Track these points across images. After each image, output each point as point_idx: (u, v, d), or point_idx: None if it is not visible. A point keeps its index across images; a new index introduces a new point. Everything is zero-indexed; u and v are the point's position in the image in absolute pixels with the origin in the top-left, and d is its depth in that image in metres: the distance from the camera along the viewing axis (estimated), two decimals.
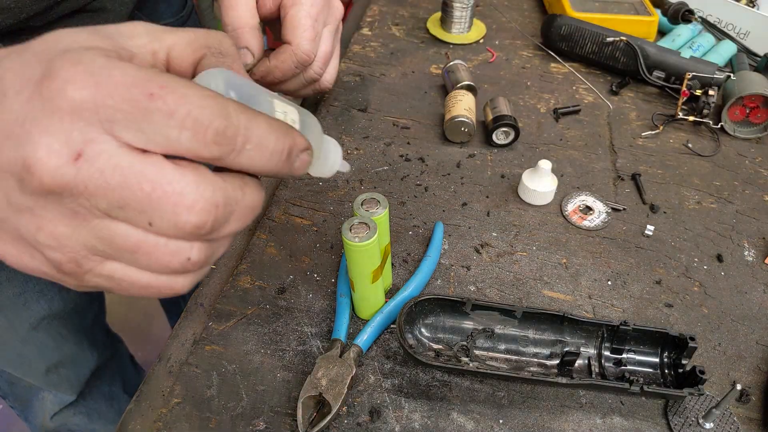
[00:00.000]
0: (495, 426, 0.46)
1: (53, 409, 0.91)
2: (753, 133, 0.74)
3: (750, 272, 0.58)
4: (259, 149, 0.28)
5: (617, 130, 0.75)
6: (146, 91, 0.25)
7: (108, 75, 0.25)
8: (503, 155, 0.70)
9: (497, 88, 0.81)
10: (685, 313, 0.54)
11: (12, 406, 0.92)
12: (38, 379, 0.83)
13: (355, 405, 0.46)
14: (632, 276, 0.57)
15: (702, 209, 0.64)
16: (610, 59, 0.82)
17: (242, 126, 0.27)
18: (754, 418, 0.47)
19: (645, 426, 0.46)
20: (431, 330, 0.50)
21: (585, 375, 0.48)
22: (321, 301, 0.53)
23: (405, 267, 0.57)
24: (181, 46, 0.32)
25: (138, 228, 0.27)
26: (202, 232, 0.27)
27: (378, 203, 0.47)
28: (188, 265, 0.29)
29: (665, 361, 0.49)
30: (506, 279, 0.56)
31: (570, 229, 0.61)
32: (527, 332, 0.50)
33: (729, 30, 0.90)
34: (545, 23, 0.86)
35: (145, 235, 0.27)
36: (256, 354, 0.49)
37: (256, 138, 0.27)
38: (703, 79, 0.75)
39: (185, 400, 0.46)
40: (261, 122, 0.28)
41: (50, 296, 0.73)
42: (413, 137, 0.72)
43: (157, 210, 0.26)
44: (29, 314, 0.72)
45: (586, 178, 0.67)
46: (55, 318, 0.76)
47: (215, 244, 0.30)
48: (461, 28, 0.90)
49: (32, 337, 0.75)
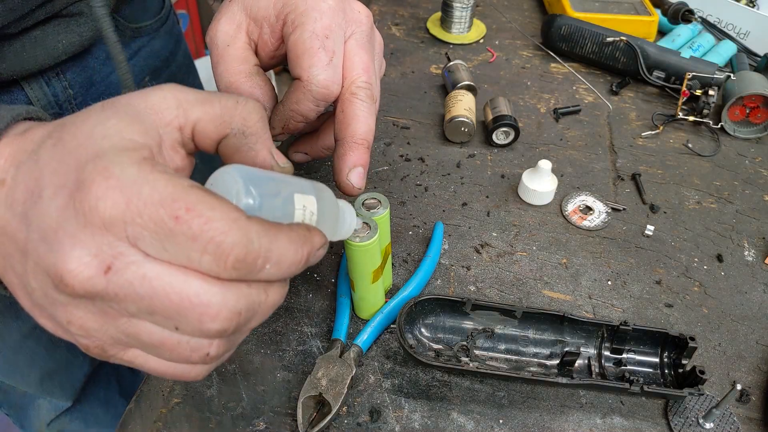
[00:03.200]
0: (495, 426, 0.46)
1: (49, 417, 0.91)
2: (753, 133, 0.74)
3: (750, 272, 0.58)
4: (279, 266, 0.29)
5: (617, 130, 0.75)
6: (173, 213, 0.26)
7: (138, 192, 0.26)
8: (503, 155, 0.70)
9: (497, 88, 0.81)
10: (685, 313, 0.54)
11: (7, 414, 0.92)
12: (32, 387, 0.83)
13: (355, 405, 0.46)
14: (632, 276, 0.57)
15: (702, 209, 0.64)
16: (610, 59, 0.82)
17: (263, 249, 0.28)
18: (754, 418, 0.47)
19: (645, 426, 0.46)
20: (431, 330, 0.50)
21: (585, 375, 0.48)
22: (321, 301, 0.53)
23: (405, 267, 0.57)
24: (205, 122, 0.32)
25: (164, 328, 0.28)
26: (224, 336, 0.29)
27: (379, 203, 0.47)
28: (207, 359, 0.30)
29: (665, 361, 0.49)
30: (506, 279, 0.56)
31: (570, 229, 0.61)
32: (527, 332, 0.50)
33: (729, 30, 0.90)
34: (545, 23, 0.86)
35: (170, 334, 0.29)
36: (256, 354, 0.49)
37: (275, 257, 0.28)
38: (703, 79, 0.75)
39: (185, 400, 0.46)
40: (282, 240, 0.29)
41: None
42: (413, 137, 0.72)
43: (183, 317, 0.27)
44: (20, 324, 0.71)
45: (586, 178, 0.67)
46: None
47: (235, 339, 0.31)
48: (461, 28, 0.90)
49: (24, 346, 0.74)
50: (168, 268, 0.27)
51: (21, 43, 0.52)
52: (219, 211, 0.27)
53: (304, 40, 0.42)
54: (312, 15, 0.42)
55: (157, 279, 0.27)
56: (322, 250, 0.32)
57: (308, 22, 0.42)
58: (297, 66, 0.42)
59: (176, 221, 0.26)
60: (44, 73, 0.57)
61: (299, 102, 0.43)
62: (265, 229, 0.28)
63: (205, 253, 0.26)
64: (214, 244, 0.26)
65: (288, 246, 0.29)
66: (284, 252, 0.29)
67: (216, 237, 0.26)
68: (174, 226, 0.26)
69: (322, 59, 0.41)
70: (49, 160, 0.28)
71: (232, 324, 0.28)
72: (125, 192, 0.26)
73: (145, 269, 0.26)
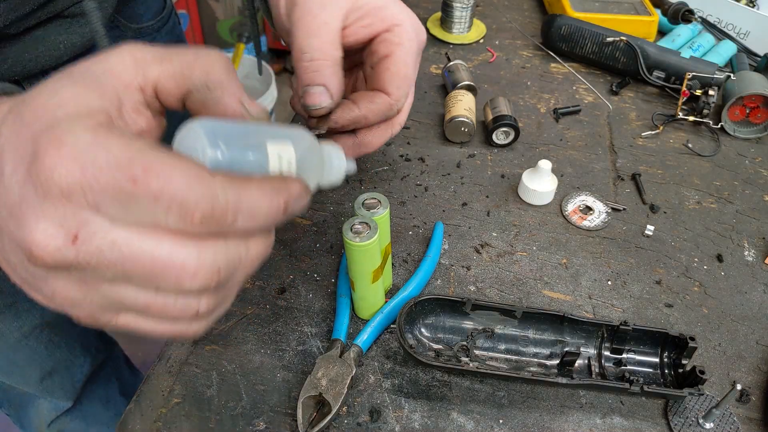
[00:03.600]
0: (495, 426, 0.46)
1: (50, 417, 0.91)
2: (753, 133, 0.74)
3: (750, 272, 0.58)
4: (252, 217, 0.28)
5: (617, 130, 0.75)
6: (129, 175, 0.25)
7: (92, 158, 0.25)
8: (503, 155, 0.70)
9: (497, 88, 0.81)
10: (685, 313, 0.54)
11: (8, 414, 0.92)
12: (33, 387, 0.83)
13: (355, 405, 0.46)
14: (632, 276, 0.57)
15: (702, 209, 0.64)
16: (610, 59, 0.82)
17: (231, 202, 0.27)
18: (754, 418, 0.47)
19: (645, 426, 0.46)
20: (431, 330, 0.50)
21: (585, 375, 0.48)
22: (321, 301, 0.53)
23: (405, 267, 0.57)
24: (165, 79, 0.31)
25: (146, 291, 0.28)
26: (207, 291, 0.28)
27: (379, 203, 0.47)
28: (198, 317, 0.30)
29: (665, 361, 0.49)
30: (506, 279, 0.56)
31: (570, 229, 0.61)
32: (527, 332, 0.50)
33: (729, 30, 0.90)
34: (545, 23, 0.86)
35: (153, 296, 0.28)
36: (256, 354, 0.49)
37: (246, 209, 0.28)
38: (703, 79, 0.75)
39: (185, 399, 0.46)
40: (252, 191, 0.28)
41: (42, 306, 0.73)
42: (413, 137, 0.72)
43: (160, 279, 0.27)
44: (20, 323, 0.71)
45: (586, 178, 0.67)
46: (47, 326, 0.75)
47: (224, 293, 0.31)
48: (461, 28, 0.90)
49: (23, 345, 0.74)
50: (137, 232, 0.26)
51: (22, 44, 0.52)
52: (179, 170, 0.26)
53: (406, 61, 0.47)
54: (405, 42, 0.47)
55: (126, 244, 0.26)
56: (302, 198, 0.31)
57: (405, 44, 0.47)
58: (388, 82, 0.47)
59: (134, 184, 0.25)
60: (46, 74, 0.57)
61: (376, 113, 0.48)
62: (230, 181, 0.27)
63: (169, 212, 0.26)
64: (177, 203, 0.26)
65: (260, 196, 0.28)
66: (256, 203, 0.28)
67: (177, 195, 0.25)
68: (133, 188, 0.25)
69: (409, 84, 0.48)
70: (9, 135, 0.28)
71: (212, 281, 0.27)
72: (79, 159, 0.25)
73: (113, 235, 0.26)
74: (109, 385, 0.98)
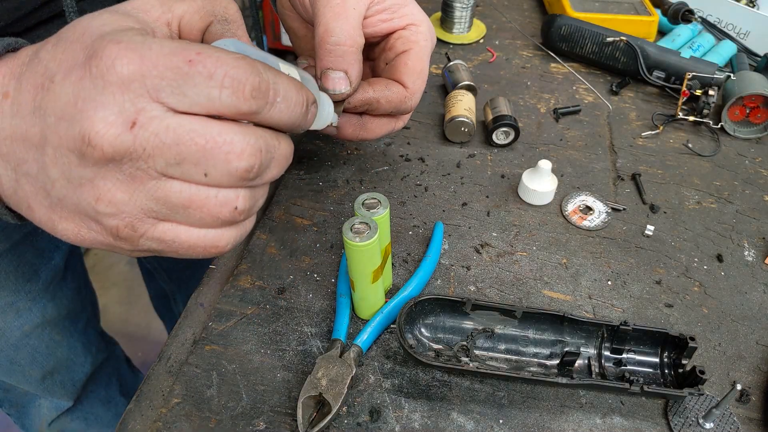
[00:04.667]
0: (495, 426, 0.46)
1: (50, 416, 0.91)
2: (753, 133, 0.74)
3: (750, 272, 0.58)
4: (287, 102, 0.31)
5: (617, 130, 0.75)
6: (185, 58, 0.28)
7: (149, 49, 0.28)
8: (503, 155, 0.70)
9: (497, 88, 0.81)
10: (685, 313, 0.54)
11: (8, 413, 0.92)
12: (33, 386, 0.83)
13: (355, 405, 0.46)
14: (632, 276, 0.57)
15: (702, 209, 0.64)
16: (610, 59, 0.82)
17: (272, 81, 0.30)
18: (754, 418, 0.47)
19: (645, 426, 0.46)
20: (431, 330, 0.50)
21: (585, 375, 0.48)
22: (321, 301, 0.53)
23: (405, 267, 0.57)
24: (190, 14, 0.35)
25: (191, 183, 0.30)
26: (250, 176, 0.30)
27: (379, 203, 0.47)
28: (235, 214, 0.32)
29: (665, 361, 0.49)
30: (506, 279, 0.56)
31: (570, 229, 0.61)
32: (527, 332, 0.50)
33: (729, 30, 0.90)
34: (545, 23, 0.86)
35: (197, 188, 0.30)
36: (256, 354, 0.49)
37: (283, 91, 0.31)
38: (703, 79, 0.75)
39: (185, 399, 0.46)
40: (283, 77, 0.31)
41: (43, 303, 0.73)
42: (413, 137, 0.72)
43: (210, 159, 0.29)
44: (21, 322, 0.72)
45: (586, 178, 0.67)
46: (48, 324, 0.75)
47: (256, 192, 0.33)
48: (461, 28, 0.90)
49: (24, 344, 0.75)
50: (189, 117, 0.29)
51: None
52: (226, 52, 0.29)
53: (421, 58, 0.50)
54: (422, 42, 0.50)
55: (180, 127, 0.28)
56: (314, 108, 0.34)
57: (422, 42, 0.50)
58: (406, 75, 0.50)
59: (190, 64, 0.28)
60: None
61: (391, 102, 0.50)
62: (267, 66, 0.30)
63: (223, 87, 0.28)
64: (230, 77, 0.28)
65: (290, 85, 0.31)
66: (289, 88, 0.31)
67: (230, 71, 0.28)
68: (189, 69, 0.28)
69: (423, 81, 0.51)
70: (53, 54, 0.29)
71: (256, 161, 0.30)
72: (138, 50, 0.28)
73: (168, 120, 0.28)
74: (110, 385, 0.98)
